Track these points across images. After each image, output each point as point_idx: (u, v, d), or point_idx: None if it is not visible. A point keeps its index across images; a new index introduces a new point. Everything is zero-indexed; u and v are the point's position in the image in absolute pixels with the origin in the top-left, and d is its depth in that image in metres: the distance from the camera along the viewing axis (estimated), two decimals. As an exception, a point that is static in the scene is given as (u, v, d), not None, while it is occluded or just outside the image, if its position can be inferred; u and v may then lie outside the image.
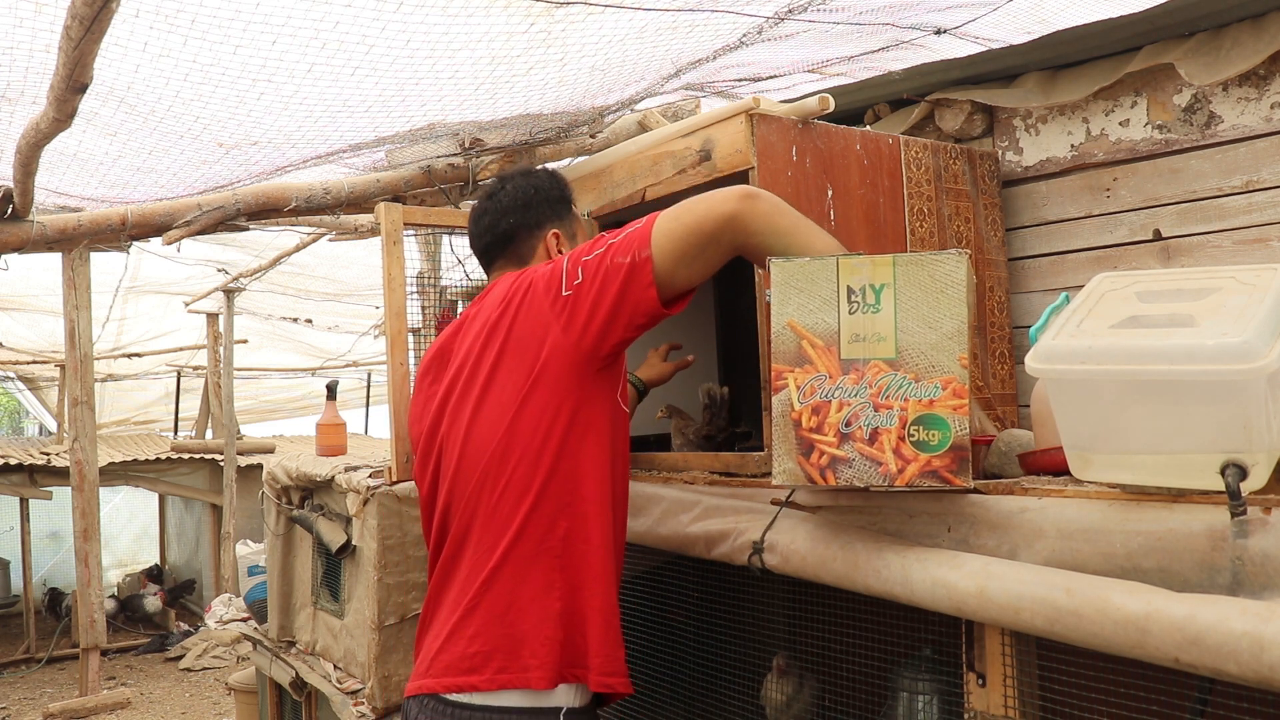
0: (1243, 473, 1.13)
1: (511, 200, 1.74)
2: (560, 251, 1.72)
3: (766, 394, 1.74)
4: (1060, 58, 2.26)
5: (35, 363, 8.12)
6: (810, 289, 1.39)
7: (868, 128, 2.53)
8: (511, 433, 1.51)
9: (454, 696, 1.48)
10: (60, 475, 7.21)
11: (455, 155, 2.61)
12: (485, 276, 1.85)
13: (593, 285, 1.47)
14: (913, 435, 1.32)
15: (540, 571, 1.49)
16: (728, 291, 2.72)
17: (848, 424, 1.36)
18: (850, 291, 1.37)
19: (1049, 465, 1.49)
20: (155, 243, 3.05)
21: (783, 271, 1.41)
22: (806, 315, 1.39)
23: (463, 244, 2.43)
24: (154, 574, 8.56)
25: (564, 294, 1.49)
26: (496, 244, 1.75)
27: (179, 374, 9.12)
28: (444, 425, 1.64)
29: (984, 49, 2.32)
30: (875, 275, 1.36)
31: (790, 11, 2.00)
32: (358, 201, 2.73)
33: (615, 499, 1.59)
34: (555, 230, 1.74)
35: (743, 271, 1.83)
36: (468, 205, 2.75)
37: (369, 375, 10.48)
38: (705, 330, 2.73)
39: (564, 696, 1.49)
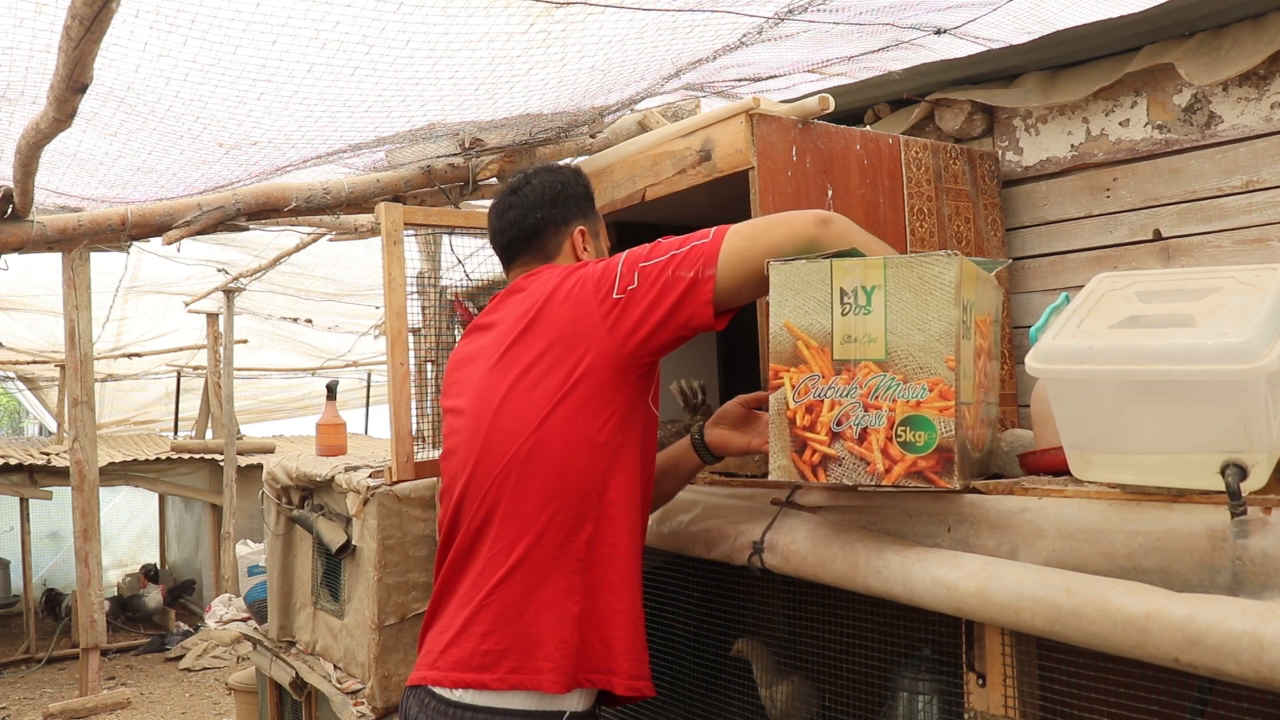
0: (1243, 473, 1.13)
1: (539, 195, 1.71)
2: (585, 249, 1.71)
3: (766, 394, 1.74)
4: (1060, 58, 2.26)
5: (35, 363, 8.12)
6: (806, 291, 1.41)
7: (868, 128, 2.53)
8: (543, 431, 1.49)
9: (455, 695, 1.47)
10: (60, 475, 7.20)
11: (455, 155, 2.61)
12: (501, 273, 1.81)
13: (649, 293, 1.46)
14: (900, 436, 1.34)
15: (561, 574, 1.47)
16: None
17: (839, 423, 1.38)
18: (843, 293, 1.38)
19: (1049, 465, 1.49)
20: (155, 243, 3.05)
21: (780, 274, 1.43)
22: (802, 316, 1.41)
23: (462, 244, 2.42)
24: (151, 573, 8.57)
25: (615, 296, 1.47)
26: (522, 239, 1.71)
27: (179, 374, 9.12)
28: (469, 412, 1.61)
29: (984, 49, 2.32)
30: (867, 277, 1.37)
31: (790, 11, 2.00)
32: (358, 201, 2.73)
33: (643, 501, 1.58)
34: (582, 227, 1.71)
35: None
36: (468, 205, 2.75)
37: (369, 375, 10.48)
38: (705, 330, 2.73)
39: (572, 700, 1.48)
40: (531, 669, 1.45)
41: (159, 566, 8.96)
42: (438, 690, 1.49)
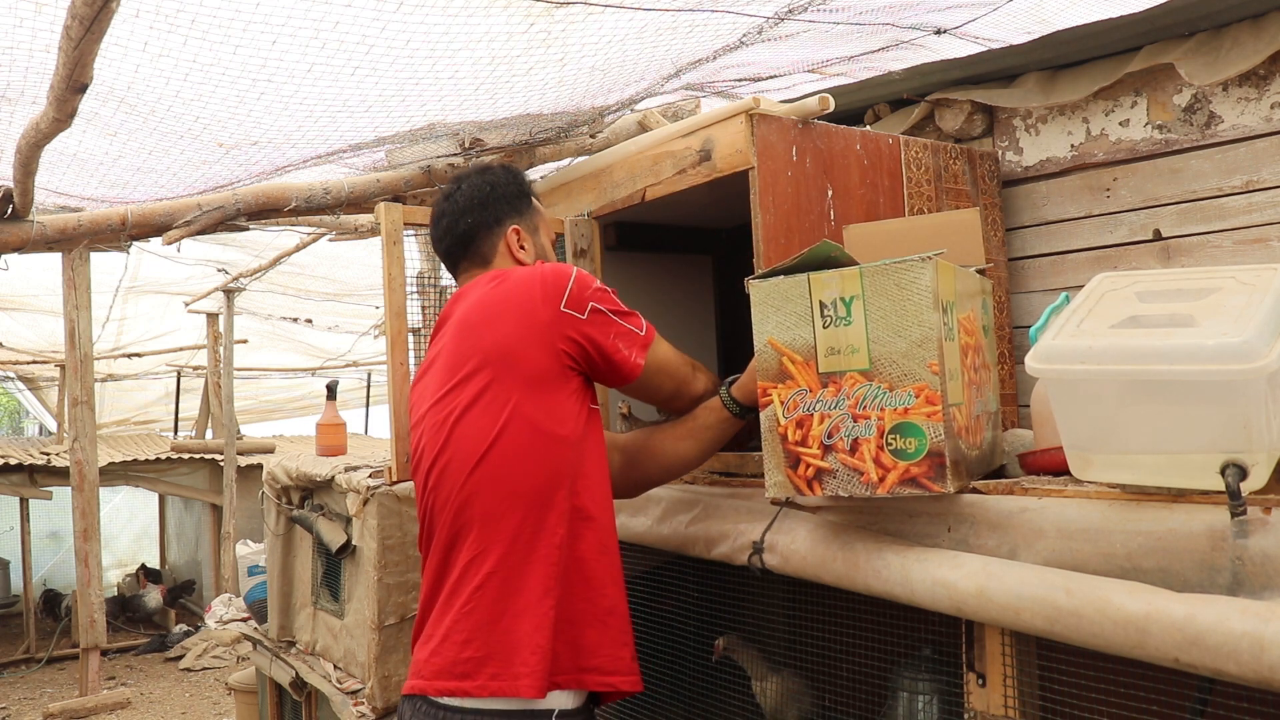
0: (1243, 473, 1.13)
1: (468, 200, 1.71)
2: (522, 247, 1.70)
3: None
4: (1060, 58, 2.26)
5: (35, 363, 8.11)
6: (785, 306, 1.42)
7: (868, 128, 2.53)
8: (503, 441, 1.49)
9: (445, 700, 1.48)
10: (60, 475, 7.21)
11: (455, 155, 2.61)
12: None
13: (601, 339, 1.55)
14: (891, 444, 1.34)
15: (536, 578, 1.48)
16: (728, 286, 2.72)
17: (829, 436, 1.39)
18: (823, 306, 1.39)
19: (1049, 465, 1.49)
20: (155, 243, 3.05)
21: (759, 291, 1.45)
22: (784, 332, 1.42)
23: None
24: (151, 575, 8.56)
25: (564, 310, 1.52)
26: (457, 245, 1.72)
27: (179, 374, 9.11)
28: (426, 429, 1.62)
29: (984, 49, 2.32)
30: (845, 288, 1.38)
31: (790, 11, 2.00)
32: (358, 201, 2.73)
33: (610, 498, 1.60)
34: (515, 226, 1.71)
35: (744, 267, 1.83)
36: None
37: (369, 375, 10.48)
38: (705, 326, 2.73)
39: (556, 701, 1.48)
40: (510, 675, 1.45)
41: (159, 566, 8.96)
42: (428, 696, 1.51)
